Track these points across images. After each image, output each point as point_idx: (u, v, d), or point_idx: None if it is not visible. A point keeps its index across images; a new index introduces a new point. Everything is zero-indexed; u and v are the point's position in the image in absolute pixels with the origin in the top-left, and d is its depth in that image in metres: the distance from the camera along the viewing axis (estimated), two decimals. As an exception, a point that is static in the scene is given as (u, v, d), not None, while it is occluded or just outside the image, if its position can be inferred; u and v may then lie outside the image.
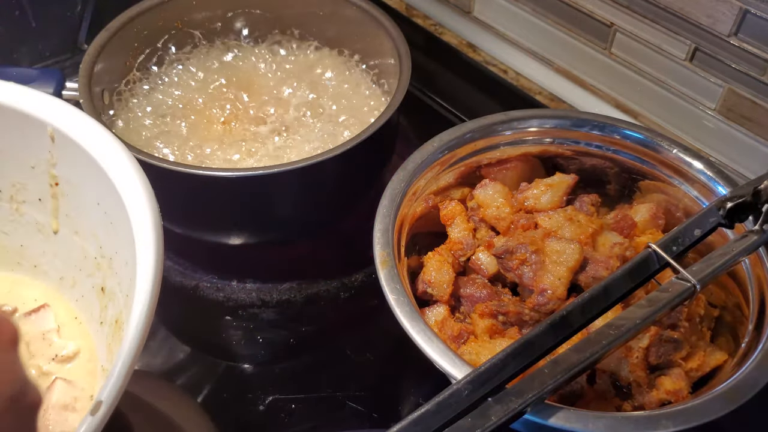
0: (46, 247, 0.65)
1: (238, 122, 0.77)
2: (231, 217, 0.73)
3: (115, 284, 0.58)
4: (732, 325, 0.61)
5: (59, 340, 0.61)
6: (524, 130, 0.70)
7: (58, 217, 0.63)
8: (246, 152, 0.74)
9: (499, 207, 0.66)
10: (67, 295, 0.65)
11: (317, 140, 0.75)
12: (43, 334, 0.62)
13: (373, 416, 0.66)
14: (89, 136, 0.55)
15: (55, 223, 0.63)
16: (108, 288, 0.60)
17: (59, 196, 0.61)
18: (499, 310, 0.59)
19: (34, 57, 0.98)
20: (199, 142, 0.75)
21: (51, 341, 0.61)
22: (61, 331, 0.63)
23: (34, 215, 0.64)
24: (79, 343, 0.62)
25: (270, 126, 0.77)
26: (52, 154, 0.58)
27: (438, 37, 1.06)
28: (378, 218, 0.61)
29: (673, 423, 0.48)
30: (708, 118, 0.81)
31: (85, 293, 0.63)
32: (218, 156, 0.73)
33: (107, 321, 0.60)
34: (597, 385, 0.57)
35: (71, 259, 0.63)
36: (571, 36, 0.90)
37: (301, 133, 0.76)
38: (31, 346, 0.61)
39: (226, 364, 0.70)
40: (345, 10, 0.84)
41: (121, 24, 0.79)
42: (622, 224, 0.64)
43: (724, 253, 0.55)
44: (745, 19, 0.72)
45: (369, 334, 0.73)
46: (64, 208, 0.62)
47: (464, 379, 0.46)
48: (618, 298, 0.52)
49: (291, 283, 0.76)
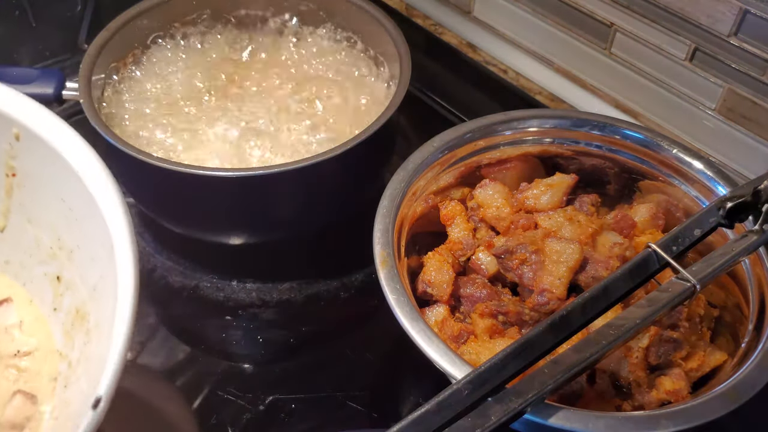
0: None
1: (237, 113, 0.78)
2: (231, 217, 0.73)
3: (76, 276, 0.59)
4: (732, 325, 0.61)
5: (21, 335, 0.61)
6: (524, 130, 0.70)
7: (10, 205, 0.63)
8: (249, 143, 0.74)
9: (499, 207, 0.66)
10: (13, 277, 0.65)
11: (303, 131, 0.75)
12: (6, 329, 0.61)
13: (373, 416, 0.66)
14: (59, 136, 0.56)
15: (6, 208, 0.63)
16: (66, 278, 0.60)
17: (15, 186, 0.61)
18: (499, 310, 0.59)
19: (34, 57, 0.98)
20: (197, 135, 0.75)
21: (13, 336, 0.61)
22: (15, 308, 0.63)
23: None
24: (35, 327, 0.62)
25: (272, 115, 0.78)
26: (12, 146, 0.59)
27: (438, 37, 1.06)
28: (378, 218, 0.61)
29: (673, 423, 0.48)
30: (708, 118, 0.81)
31: (34, 279, 0.63)
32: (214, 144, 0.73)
33: (63, 309, 0.61)
34: (597, 385, 0.57)
35: (20, 245, 0.63)
36: (571, 36, 0.90)
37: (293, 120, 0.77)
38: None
39: (226, 364, 0.70)
40: (345, 9, 0.84)
41: (121, 24, 0.79)
42: (622, 224, 0.64)
43: (724, 253, 0.55)
44: (745, 19, 0.72)
45: (369, 334, 0.73)
46: (18, 197, 0.62)
47: (464, 379, 0.46)
48: (618, 298, 0.52)
49: (291, 283, 0.76)
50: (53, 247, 0.61)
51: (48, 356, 0.60)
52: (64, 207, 0.58)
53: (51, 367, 0.60)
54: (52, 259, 0.61)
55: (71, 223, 0.58)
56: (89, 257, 0.56)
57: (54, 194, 0.58)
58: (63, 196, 0.57)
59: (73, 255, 0.59)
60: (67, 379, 0.58)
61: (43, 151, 0.57)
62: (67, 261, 0.60)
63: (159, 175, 0.67)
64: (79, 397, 0.54)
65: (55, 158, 0.56)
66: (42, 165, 0.58)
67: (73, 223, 0.57)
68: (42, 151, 0.57)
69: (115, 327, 0.46)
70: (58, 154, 0.56)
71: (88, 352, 0.55)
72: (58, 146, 0.56)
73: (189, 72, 0.81)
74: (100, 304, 0.54)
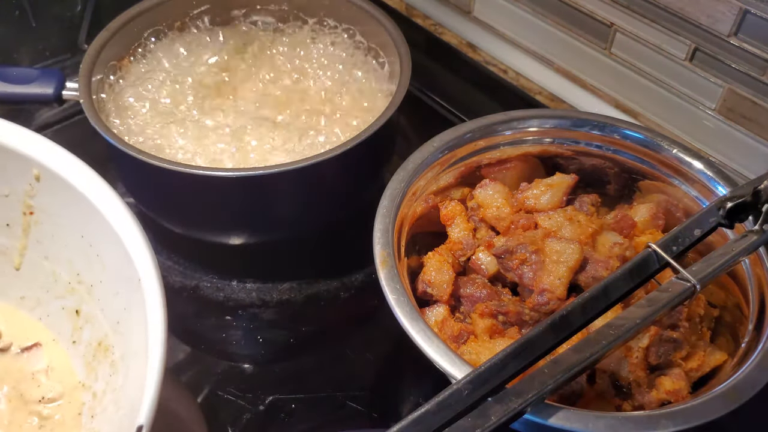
0: (8, 269, 0.65)
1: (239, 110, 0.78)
2: (231, 217, 0.73)
3: (97, 310, 0.59)
4: (732, 325, 0.61)
5: (47, 381, 0.62)
6: (524, 130, 0.70)
7: (27, 243, 0.63)
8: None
9: (499, 207, 0.66)
10: (29, 313, 0.65)
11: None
12: (32, 374, 0.62)
13: (373, 416, 0.66)
14: (79, 175, 0.57)
15: (23, 245, 0.63)
16: (85, 311, 0.61)
17: (32, 224, 0.62)
18: (499, 310, 0.59)
19: (34, 57, 0.98)
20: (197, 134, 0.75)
21: (39, 382, 0.61)
22: (44, 352, 0.64)
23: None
24: (61, 371, 0.63)
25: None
26: (32, 186, 0.60)
27: (438, 37, 1.06)
28: (378, 218, 0.61)
29: (673, 423, 0.48)
30: (708, 118, 0.81)
31: (51, 313, 0.64)
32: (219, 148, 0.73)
33: (83, 341, 0.61)
34: (597, 385, 0.57)
35: (36, 281, 0.64)
36: (571, 36, 0.90)
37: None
38: (21, 385, 0.61)
39: (226, 364, 0.70)
40: (345, 9, 0.84)
41: (121, 24, 0.79)
42: (622, 224, 0.64)
43: (724, 253, 0.55)
44: (745, 19, 0.72)
45: (369, 334, 0.73)
46: (35, 235, 0.62)
47: (464, 379, 0.46)
48: (618, 298, 0.52)
49: (291, 283, 0.76)
50: (72, 282, 0.62)
51: (73, 396, 0.61)
52: (83, 243, 0.58)
53: (75, 405, 0.60)
54: (71, 294, 0.62)
55: (91, 259, 0.58)
56: (112, 292, 0.57)
57: (73, 231, 0.59)
58: (83, 233, 0.58)
59: (93, 290, 0.59)
60: (93, 409, 0.58)
61: (63, 190, 0.57)
62: (87, 295, 0.60)
63: (159, 175, 0.67)
64: (107, 427, 0.55)
65: (73, 195, 0.57)
66: (61, 202, 0.59)
67: (94, 259, 0.58)
68: (62, 190, 0.57)
69: (149, 359, 0.47)
70: (76, 190, 0.56)
71: (114, 383, 0.56)
72: (77, 183, 0.56)
73: (189, 71, 0.81)
74: (124, 338, 0.54)
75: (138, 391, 0.46)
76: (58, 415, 0.59)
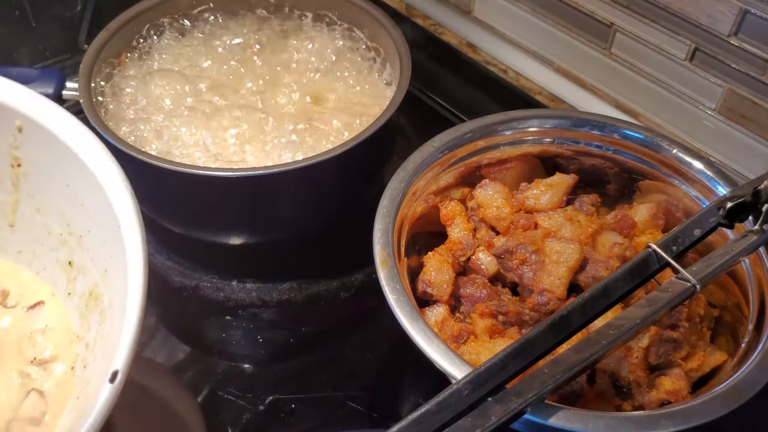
0: (3, 225, 0.66)
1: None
2: (231, 217, 0.73)
3: (87, 260, 0.60)
4: (732, 325, 0.61)
5: (43, 341, 0.62)
6: (524, 130, 0.70)
7: (19, 197, 0.64)
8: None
9: (499, 207, 0.66)
10: (26, 267, 0.66)
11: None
12: (30, 334, 0.63)
13: (373, 416, 0.66)
14: (59, 123, 0.58)
15: (15, 200, 0.64)
16: (77, 262, 0.61)
17: (20, 177, 0.62)
18: (499, 310, 0.59)
19: (34, 57, 0.98)
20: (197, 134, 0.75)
21: (35, 341, 0.62)
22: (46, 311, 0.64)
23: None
24: (53, 321, 0.63)
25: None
26: (15, 138, 0.60)
27: (438, 37, 1.06)
28: (378, 218, 0.61)
29: (673, 423, 0.48)
30: (708, 118, 0.81)
31: (47, 266, 0.64)
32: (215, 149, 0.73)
33: (77, 292, 0.62)
34: (597, 385, 0.57)
35: (31, 234, 0.64)
36: (571, 36, 0.90)
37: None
38: (21, 343, 0.62)
39: (226, 364, 0.70)
40: (345, 9, 0.84)
41: (121, 24, 0.79)
42: (622, 224, 0.64)
43: (724, 253, 0.55)
44: (745, 19, 0.72)
45: (369, 334, 0.73)
46: (25, 188, 0.63)
47: (464, 379, 0.46)
48: (618, 298, 0.52)
49: (291, 283, 0.76)
50: (63, 234, 0.62)
51: (68, 351, 0.61)
52: (70, 192, 0.59)
53: (69, 360, 0.61)
54: (63, 245, 0.62)
55: (77, 209, 0.59)
56: (100, 240, 0.57)
57: (59, 180, 0.59)
58: (68, 181, 0.58)
59: (83, 240, 0.60)
60: (85, 360, 0.59)
61: (46, 139, 0.58)
62: (77, 246, 0.61)
63: (159, 175, 0.67)
64: (96, 377, 0.55)
65: (57, 145, 0.57)
66: (45, 152, 0.59)
67: (80, 208, 0.58)
68: (44, 139, 0.58)
69: (128, 301, 0.47)
70: (59, 140, 0.57)
71: (103, 332, 0.56)
72: (59, 132, 0.57)
73: (190, 70, 0.81)
74: (112, 285, 0.55)
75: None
76: (49, 380, 0.60)
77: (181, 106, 0.78)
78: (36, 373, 0.60)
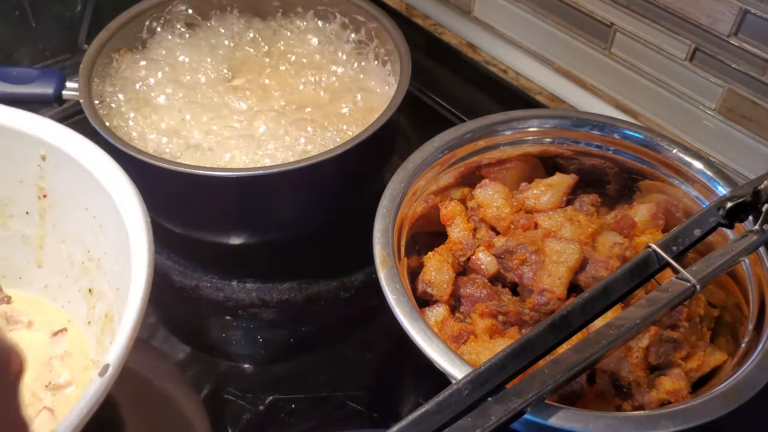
0: (32, 258, 0.66)
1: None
2: (231, 217, 0.73)
3: (104, 283, 0.60)
4: (732, 325, 0.61)
5: (59, 366, 0.63)
6: (524, 130, 0.70)
7: (45, 228, 0.64)
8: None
9: (499, 207, 0.66)
10: (53, 302, 0.66)
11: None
12: (50, 359, 0.63)
13: (373, 416, 0.66)
14: (79, 148, 0.59)
15: (42, 233, 0.64)
16: (96, 289, 0.62)
17: (47, 208, 0.63)
18: (499, 310, 0.59)
19: (34, 57, 0.98)
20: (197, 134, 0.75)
21: (52, 366, 0.63)
22: (61, 336, 0.65)
23: (21, 228, 0.66)
24: (72, 348, 0.64)
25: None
26: (41, 167, 0.61)
27: (438, 37, 1.06)
28: (378, 218, 0.61)
29: (673, 423, 0.48)
30: (708, 118, 0.81)
31: (71, 298, 0.65)
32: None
33: (95, 319, 0.62)
34: (597, 385, 0.57)
35: (57, 268, 0.65)
36: (571, 36, 0.90)
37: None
38: (39, 369, 0.62)
39: (226, 364, 0.70)
40: (345, 8, 0.84)
41: (121, 24, 0.79)
42: (622, 224, 0.64)
43: (724, 253, 0.55)
44: (745, 19, 0.72)
45: (369, 334, 0.73)
46: (50, 219, 0.64)
47: (464, 379, 0.46)
48: (618, 298, 0.52)
49: (291, 283, 0.76)
50: (84, 261, 0.63)
51: (82, 378, 0.62)
52: (88, 216, 0.60)
53: (84, 383, 0.61)
54: (84, 274, 0.63)
55: (96, 231, 0.59)
56: (114, 259, 0.58)
57: (79, 206, 0.60)
58: (87, 205, 0.59)
59: (101, 263, 0.61)
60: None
61: (67, 165, 0.59)
62: (96, 270, 0.62)
63: (159, 175, 0.67)
64: None
65: (76, 169, 0.58)
66: (67, 179, 0.60)
67: (98, 230, 0.59)
68: (66, 165, 0.59)
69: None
70: (79, 164, 0.58)
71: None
72: (79, 157, 0.58)
73: (190, 70, 0.81)
74: (122, 300, 0.55)
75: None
76: (60, 402, 0.60)
77: (182, 105, 0.78)
78: (48, 398, 0.61)
